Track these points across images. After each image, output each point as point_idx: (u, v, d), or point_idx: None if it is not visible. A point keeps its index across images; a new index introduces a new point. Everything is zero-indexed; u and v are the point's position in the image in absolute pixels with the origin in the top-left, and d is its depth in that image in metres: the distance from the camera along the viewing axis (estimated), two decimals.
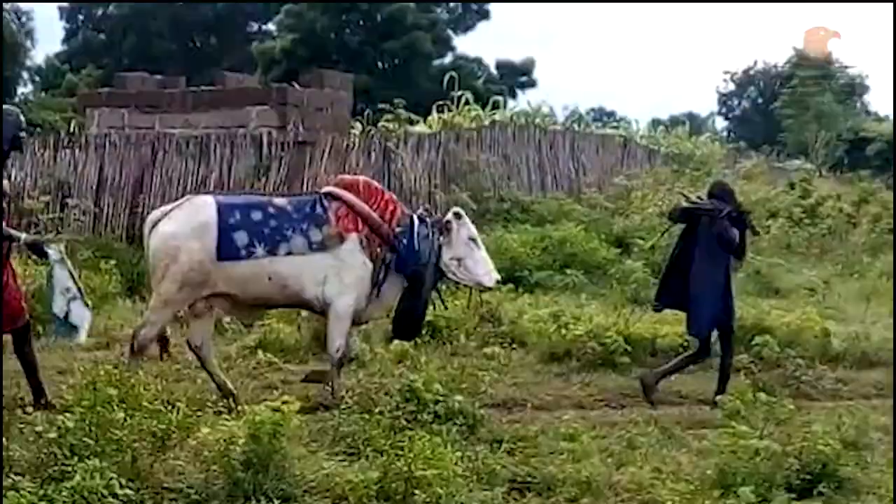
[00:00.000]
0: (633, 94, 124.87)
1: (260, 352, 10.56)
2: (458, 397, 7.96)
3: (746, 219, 10.65)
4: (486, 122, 22.74)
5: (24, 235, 9.07)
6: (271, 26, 53.29)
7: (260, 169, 15.82)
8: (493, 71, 52.49)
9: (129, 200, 16.09)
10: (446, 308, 10.66)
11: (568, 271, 15.12)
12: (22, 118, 9.22)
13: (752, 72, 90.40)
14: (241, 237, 9.29)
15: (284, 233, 9.43)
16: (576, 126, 26.08)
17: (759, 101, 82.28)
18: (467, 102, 24.65)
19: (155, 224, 9.39)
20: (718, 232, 10.13)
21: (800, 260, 17.62)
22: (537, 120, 24.60)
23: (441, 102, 23.79)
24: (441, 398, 7.85)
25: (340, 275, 9.54)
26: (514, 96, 43.84)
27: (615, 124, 31.53)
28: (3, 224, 8.68)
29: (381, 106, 21.54)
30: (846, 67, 62.64)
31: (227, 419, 6.65)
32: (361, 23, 48.65)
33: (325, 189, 9.95)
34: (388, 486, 6.19)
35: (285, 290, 9.51)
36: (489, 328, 11.80)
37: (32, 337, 9.03)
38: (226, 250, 9.26)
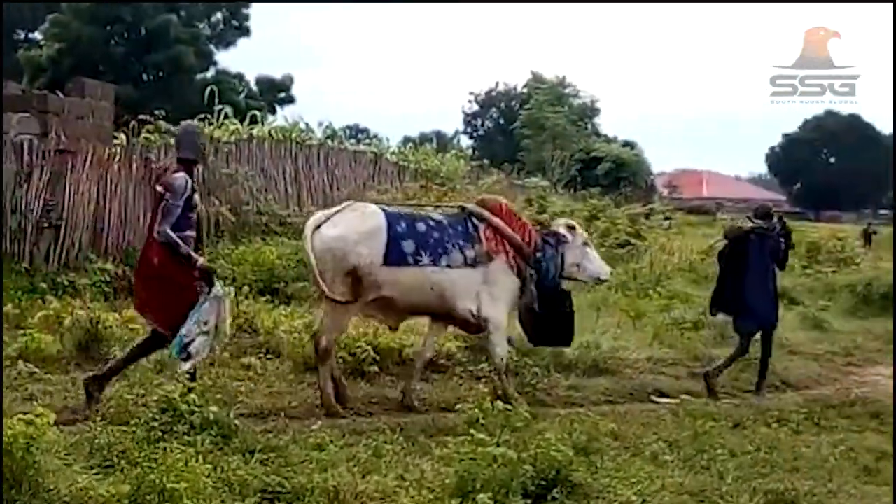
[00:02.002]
0: (386, 113, 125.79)
1: (21, 362, 10.03)
2: (214, 408, 7.71)
3: (788, 236, 12.34)
4: (245, 136, 22.43)
5: (201, 259, 8.97)
6: (38, 35, 51.52)
7: (21, 175, 15.18)
8: (254, 87, 52.07)
9: None
10: None
11: None
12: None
13: (494, 93, 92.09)
14: (408, 245, 9.72)
15: (446, 246, 9.92)
16: (330, 142, 25.94)
17: (501, 121, 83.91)
18: (226, 116, 24.28)
19: (318, 227, 9.67)
20: (773, 248, 11.90)
21: None
22: (294, 135, 24.39)
23: (202, 116, 23.34)
24: (197, 409, 7.60)
25: (491, 291, 10.09)
26: (273, 112, 43.49)
27: (368, 141, 31.52)
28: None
29: (141, 117, 20.95)
30: (578, 91, 64.36)
31: None
32: (126, 34, 47.53)
33: (470, 208, 10.39)
34: (141, 499, 5.96)
35: (441, 300, 9.95)
36: (246, 338, 11.63)
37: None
38: (394, 256, 9.64)
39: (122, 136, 20.21)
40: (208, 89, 25.12)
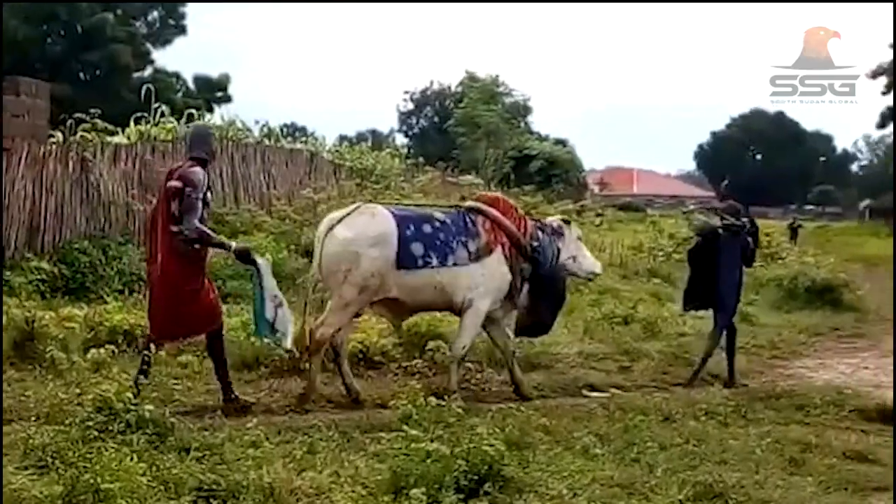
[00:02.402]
0: (323, 112, 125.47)
1: None
2: (149, 406, 7.60)
3: (756, 234, 12.69)
4: (182, 135, 22.21)
5: (234, 243, 9.53)
6: None
7: None
8: (191, 85, 51.70)
9: None
10: None
11: None
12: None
13: (428, 92, 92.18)
14: (417, 248, 9.95)
15: (451, 245, 10.16)
16: (267, 141, 25.77)
17: (436, 119, 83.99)
18: (163, 115, 24.04)
19: (330, 228, 9.89)
20: (742, 245, 12.20)
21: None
22: (230, 134, 24.19)
23: (140, 114, 23.07)
24: (132, 407, 7.51)
25: (487, 282, 10.35)
26: (210, 110, 43.22)
27: (304, 140, 31.34)
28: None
29: (78, 116, 20.69)
30: (511, 90, 64.48)
31: None
32: (63, 33, 47.01)
33: (469, 204, 10.76)
34: (75, 499, 5.88)
35: (444, 297, 10.23)
36: None
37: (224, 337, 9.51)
38: (405, 259, 9.88)
39: (59, 134, 19.95)
40: (145, 88, 24.79)
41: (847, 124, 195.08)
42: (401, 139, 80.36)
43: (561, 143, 56.73)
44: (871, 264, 30.97)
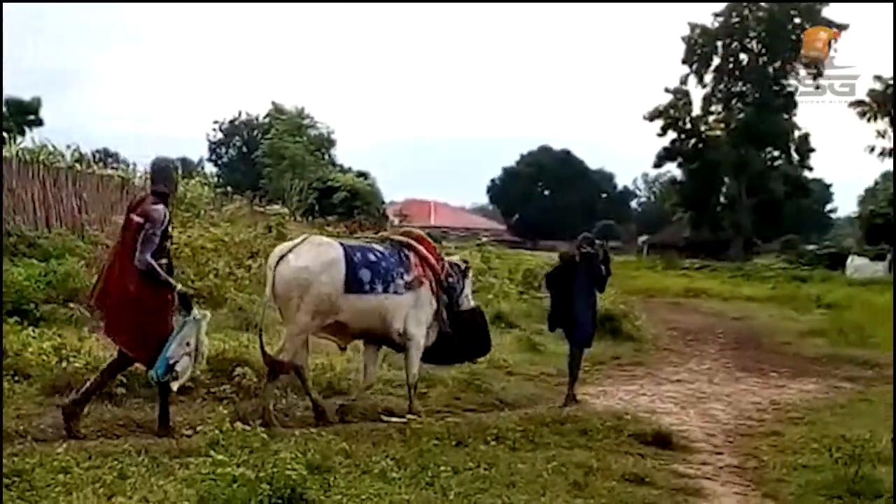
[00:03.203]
0: (134, 139, 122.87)
1: None
2: None
3: (608, 262, 13.63)
4: None
5: (179, 285, 9.53)
6: None
7: None
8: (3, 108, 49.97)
9: None
10: None
11: (71, 305, 14.51)
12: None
13: (237, 122, 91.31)
14: (365, 274, 10.50)
15: (392, 274, 10.75)
16: (79, 165, 25.18)
17: (244, 149, 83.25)
18: None
19: (282, 257, 10.29)
20: (597, 272, 13.32)
21: None
22: (41, 157, 23.57)
23: None
24: None
25: (417, 314, 11.03)
26: (22, 133, 41.82)
27: (115, 166, 30.67)
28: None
29: None
30: (316, 122, 64.46)
31: None
32: None
33: (399, 239, 11.38)
34: None
35: (384, 323, 10.80)
36: None
37: None
38: (353, 284, 10.39)
39: None
40: None
41: (627, 163, 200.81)
42: (210, 168, 79.30)
43: (363, 175, 56.97)
44: (647, 296, 32.06)
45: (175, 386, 9.29)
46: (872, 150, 58.87)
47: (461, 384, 12.72)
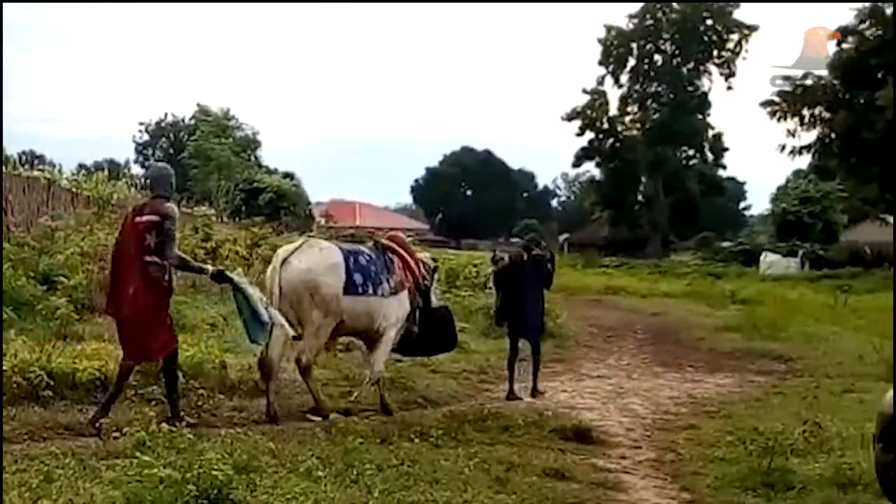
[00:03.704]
0: (62, 141, 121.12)
1: None
2: None
3: (553, 262, 14.54)
4: None
5: (210, 268, 10.25)
6: None
7: None
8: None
9: None
10: None
11: None
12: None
13: (163, 124, 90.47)
14: (358, 277, 11.03)
15: (380, 277, 11.32)
16: (3, 167, 24.72)
17: (171, 151, 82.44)
18: None
19: (285, 260, 10.77)
20: (546, 272, 14.16)
21: (204, 297, 17.66)
22: None
23: None
24: None
25: (397, 314, 11.56)
26: None
27: (42, 168, 30.19)
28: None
29: None
30: (242, 124, 64.09)
31: None
32: None
33: (385, 243, 11.85)
34: None
35: (369, 323, 11.29)
36: None
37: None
38: (350, 287, 10.93)
39: None
40: None
41: (547, 163, 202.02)
42: (137, 169, 78.33)
43: (288, 176, 56.67)
44: (568, 294, 32.23)
45: (290, 331, 10.27)
46: (783, 148, 59.61)
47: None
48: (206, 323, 15.26)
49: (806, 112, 56.74)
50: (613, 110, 78.66)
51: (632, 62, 78.72)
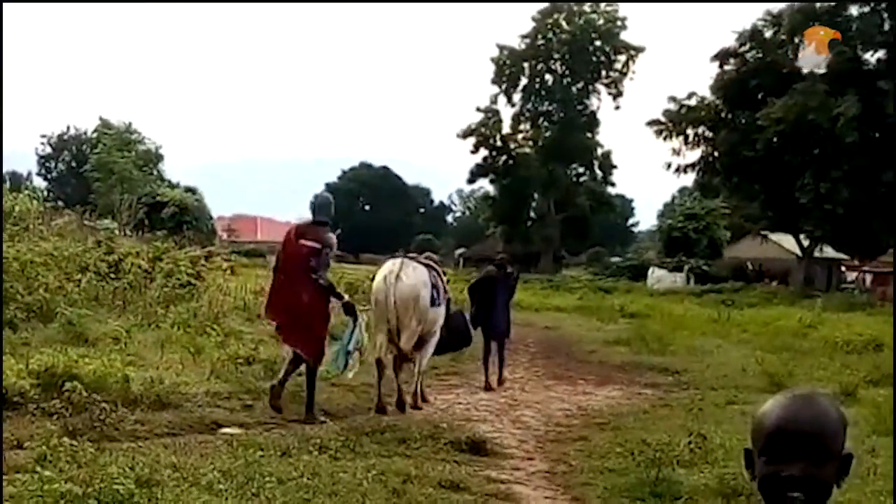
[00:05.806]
0: None
1: None
2: None
3: (517, 278, 18.41)
4: None
5: (346, 297, 12.21)
6: None
7: None
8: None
9: None
10: None
11: None
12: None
13: (66, 137, 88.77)
14: (434, 292, 12.95)
15: (438, 290, 13.13)
16: None
17: (74, 164, 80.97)
18: None
19: (397, 276, 12.69)
20: (510, 286, 17.35)
21: (106, 311, 17.39)
22: None
23: None
24: None
25: (441, 320, 13.43)
26: None
27: None
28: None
29: None
30: (144, 138, 63.29)
31: None
32: None
33: (425, 261, 13.41)
34: None
35: (430, 328, 13.17)
36: None
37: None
38: (432, 300, 12.91)
39: None
40: None
41: (443, 179, 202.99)
42: (39, 182, 76.90)
43: (191, 190, 56.11)
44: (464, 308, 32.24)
45: (350, 374, 12.47)
46: (669, 166, 60.63)
47: (288, 395, 12.63)
48: (108, 336, 14.99)
49: (690, 131, 57.61)
50: (507, 128, 79.48)
51: (524, 81, 79.63)
